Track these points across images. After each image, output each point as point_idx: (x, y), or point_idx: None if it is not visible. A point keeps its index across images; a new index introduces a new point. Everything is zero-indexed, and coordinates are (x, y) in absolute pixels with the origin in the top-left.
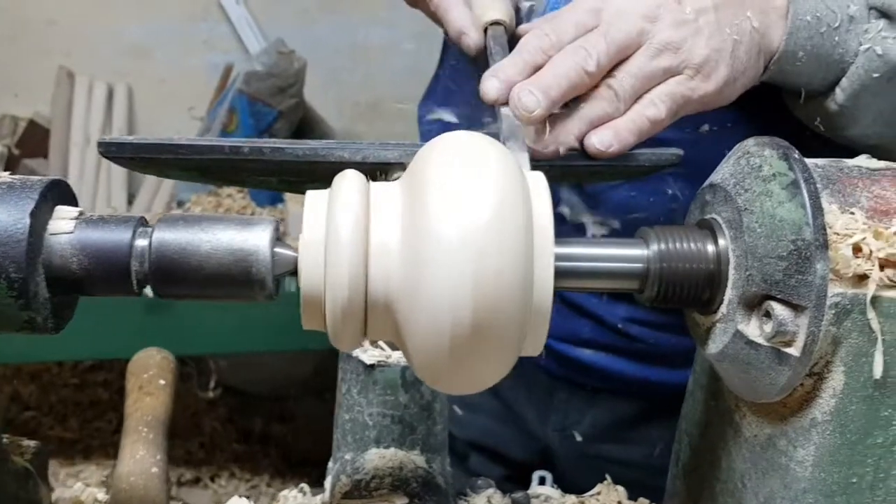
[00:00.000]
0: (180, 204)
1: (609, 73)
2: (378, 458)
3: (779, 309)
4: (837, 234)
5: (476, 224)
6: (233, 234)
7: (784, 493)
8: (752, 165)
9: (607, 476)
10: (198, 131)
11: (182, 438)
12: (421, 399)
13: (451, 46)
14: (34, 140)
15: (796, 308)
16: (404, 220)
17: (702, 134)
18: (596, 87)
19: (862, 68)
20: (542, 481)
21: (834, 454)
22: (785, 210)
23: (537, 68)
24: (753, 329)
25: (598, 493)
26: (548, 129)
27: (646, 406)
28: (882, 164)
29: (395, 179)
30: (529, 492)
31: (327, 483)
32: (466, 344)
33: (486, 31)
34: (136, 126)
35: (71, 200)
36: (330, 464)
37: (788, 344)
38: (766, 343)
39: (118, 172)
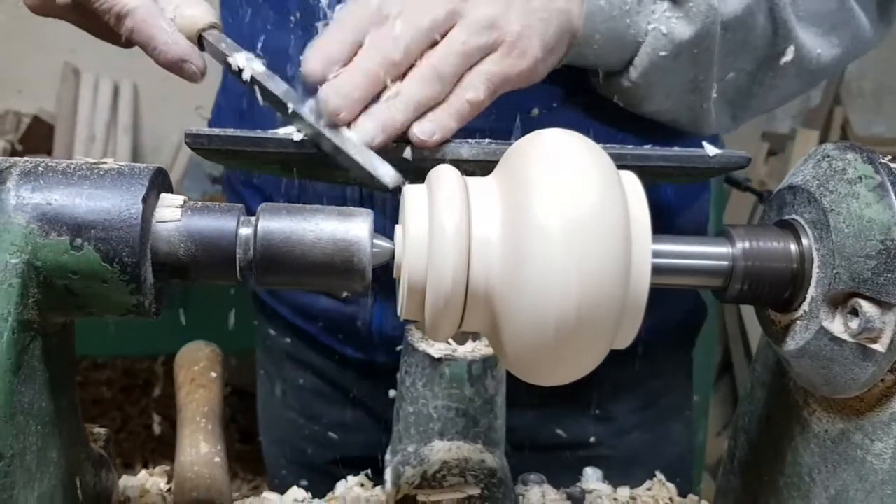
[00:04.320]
0: None
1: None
2: (444, 450)
3: (866, 306)
4: None
5: (579, 217)
6: (335, 224)
7: (859, 485)
8: (835, 168)
9: (657, 473)
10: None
11: None
12: (485, 393)
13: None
14: (38, 136)
15: (884, 305)
16: (504, 214)
17: (533, 118)
18: (416, 66)
19: (650, 47)
20: None
21: None
22: (873, 211)
23: (357, 45)
24: (838, 326)
25: (650, 489)
26: (373, 119)
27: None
28: None
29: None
30: (581, 486)
31: (387, 475)
32: (569, 335)
33: (200, 39)
34: (141, 124)
35: (169, 188)
36: (388, 456)
37: (874, 340)
38: (851, 340)
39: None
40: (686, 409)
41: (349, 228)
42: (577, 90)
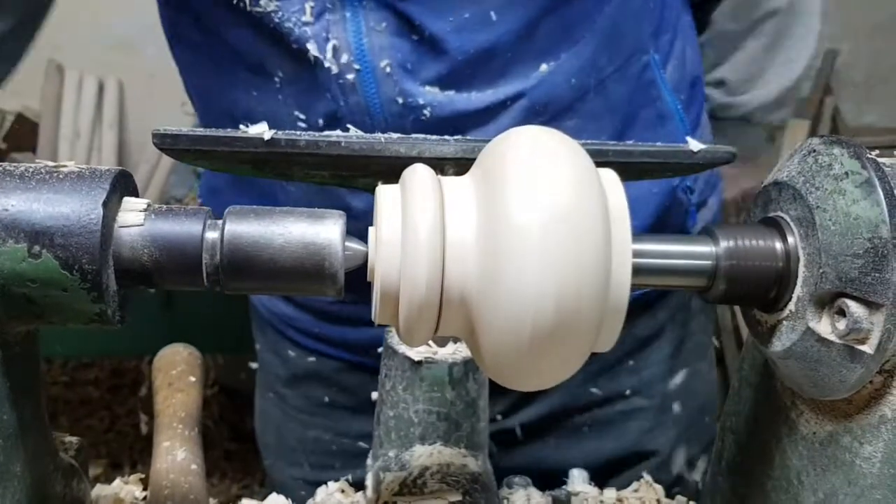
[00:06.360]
0: (178, 201)
1: None
2: (425, 455)
3: (854, 307)
4: None
5: (556, 217)
6: (305, 227)
7: (848, 489)
8: (822, 164)
9: (644, 474)
10: (192, 126)
11: None
12: (466, 396)
13: None
14: (22, 134)
15: (871, 306)
16: (480, 214)
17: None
18: None
19: None
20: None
21: None
22: (860, 208)
23: None
24: (825, 326)
25: (637, 490)
26: None
27: None
28: None
29: (450, 175)
30: (567, 489)
31: (368, 480)
32: (547, 338)
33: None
34: (127, 121)
35: (134, 192)
36: (369, 461)
37: (862, 341)
38: (838, 341)
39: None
40: (709, 348)
41: (319, 231)
42: None
